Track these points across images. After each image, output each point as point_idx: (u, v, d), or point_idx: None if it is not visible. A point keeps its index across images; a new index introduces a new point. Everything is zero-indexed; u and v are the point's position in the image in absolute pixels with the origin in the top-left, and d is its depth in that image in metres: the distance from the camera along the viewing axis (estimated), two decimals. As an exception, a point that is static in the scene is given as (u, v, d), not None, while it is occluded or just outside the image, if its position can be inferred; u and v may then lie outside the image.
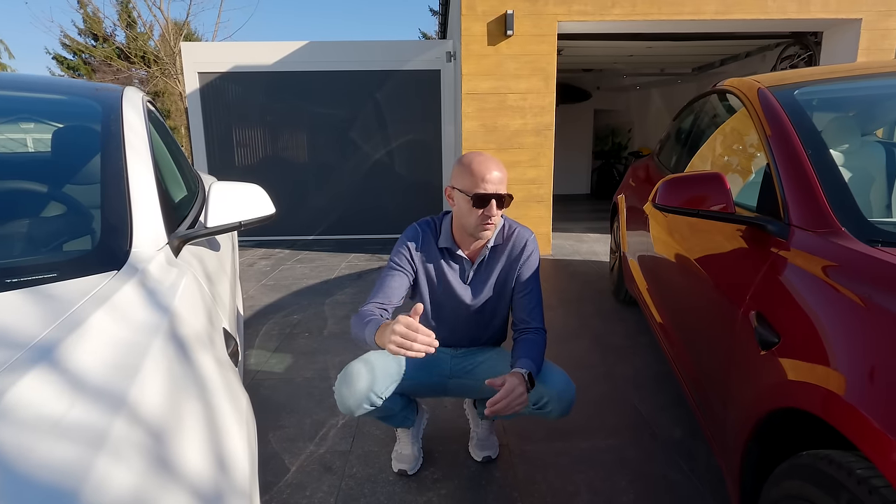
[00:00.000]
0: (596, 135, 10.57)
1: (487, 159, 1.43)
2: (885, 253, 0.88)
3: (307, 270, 4.51)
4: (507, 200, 1.43)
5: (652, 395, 2.20)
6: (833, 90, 1.62)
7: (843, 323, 0.82)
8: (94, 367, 0.58)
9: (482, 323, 1.64)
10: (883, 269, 0.84)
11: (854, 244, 0.95)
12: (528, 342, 1.50)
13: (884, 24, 4.59)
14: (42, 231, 1.01)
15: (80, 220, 1.02)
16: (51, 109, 1.39)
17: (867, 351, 0.75)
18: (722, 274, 1.37)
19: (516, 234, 1.58)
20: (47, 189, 1.19)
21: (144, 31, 18.57)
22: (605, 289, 3.78)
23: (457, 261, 1.57)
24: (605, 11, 4.49)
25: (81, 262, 0.86)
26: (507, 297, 1.62)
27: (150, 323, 0.71)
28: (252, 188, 1.34)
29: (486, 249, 1.55)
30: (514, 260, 1.57)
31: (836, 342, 0.81)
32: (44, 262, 0.85)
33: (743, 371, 1.09)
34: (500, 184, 1.41)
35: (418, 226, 1.59)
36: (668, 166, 2.58)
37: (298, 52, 5.94)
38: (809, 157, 1.21)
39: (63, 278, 0.80)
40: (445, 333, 1.59)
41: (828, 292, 0.89)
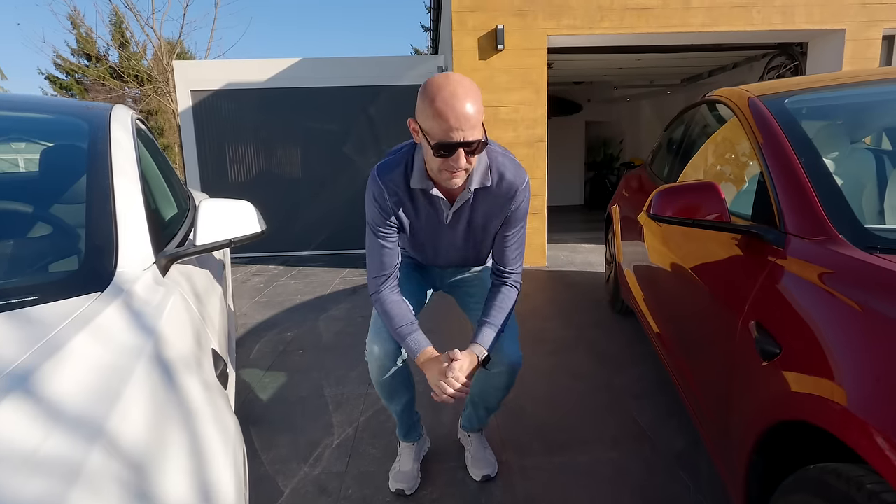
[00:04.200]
0: (588, 146, 10.65)
1: (456, 93, 1.10)
2: (884, 260, 0.87)
3: (301, 286, 4.47)
4: (479, 147, 1.18)
5: (651, 406, 2.17)
6: (822, 98, 1.63)
7: (845, 332, 0.80)
8: (71, 394, 0.56)
9: (467, 255, 1.59)
10: (883, 276, 0.83)
11: (852, 251, 0.94)
12: (499, 302, 1.45)
13: (866, 34, 4.68)
14: (26, 252, 0.98)
15: (65, 241, 1.00)
16: (38, 128, 1.38)
17: (871, 360, 0.73)
18: (719, 283, 1.36)
19: (506, 181, 1.34)
20: (33, 209, 1.16)
21: (138, 51, 18.68)
22: (601, 299, 3.77)
23: (433, 201, 1.36)
24: (593, 25, 4.55)
25: (64, 283, 0.83)
26: (491, 237, 1.49)
27: (134, 346, 0.69)
28: (242, 205, 1.32)
29: (469, 192, 1.33)
30: (500, 206, 1.38)
31: (840, 352, 0.79)
32: (25, 284, 0.82)
33: (744, 382, 1.07)
34: (470, 127, 1.12)
35: (378, 176, 1.34)
36: (661, 176, 2.58)
37: (290, 69, 5.97)
38: (803, 164, 1.21)
39: (45, 301, 0.77)
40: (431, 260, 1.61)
41: (828, 301, 0.88)
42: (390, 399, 1.62)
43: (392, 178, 1.34)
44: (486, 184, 1.33)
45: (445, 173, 1.21)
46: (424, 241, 1.51)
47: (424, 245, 1.54)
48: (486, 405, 1.69)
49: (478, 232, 1.46)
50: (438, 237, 1.48)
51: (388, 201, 1.36)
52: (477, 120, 1.14)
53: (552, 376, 2.49)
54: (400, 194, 1.35)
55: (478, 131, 1.15)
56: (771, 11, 4.61)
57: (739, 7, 4.58)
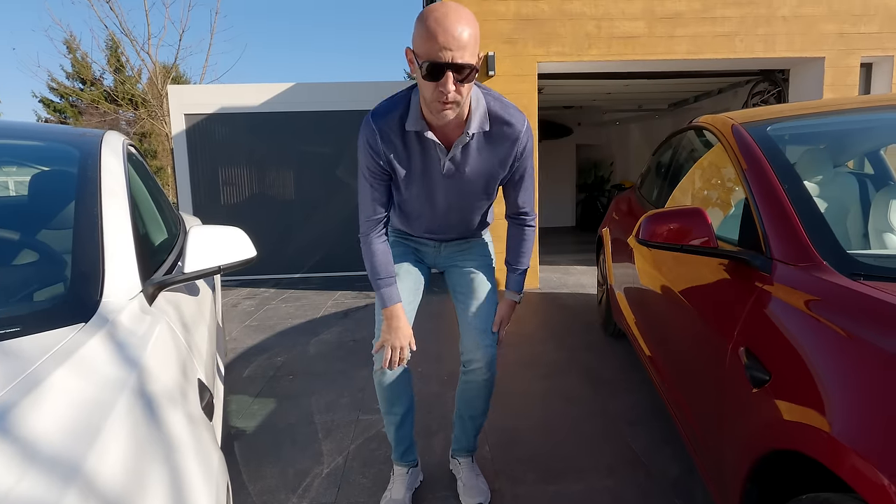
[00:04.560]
0: (579, 168, 10.80)
1: (448, 14, 1.06)
2: (867, 287, 0.88)
3: (292, 309, 4.43)
4: (470, 74, 1.11)
5: (646, 432, 2.15)
6: (803, 125, 1.67)
7: (832, 360, 0.81)
8: (50, 431, 0.54)
9: (464, 217, 1.53)
10: (867, 303, 0.83)
11: (837, 278, 0.95)
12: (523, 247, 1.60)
13: (846, 62, 4.83)
14: (10, 280, 0.97)
15: (51, 269, 0.99)
16: (29, 155, 1.37)
17: (858, 389, 0.74)
18: (709, 308, 1.37)
19: (506, 124, 1.29)
20: (19, 235, 1.15)
21: (133, 75, 18.87)
22: (594, 321, 3.77)
23: (428, 148, 1.30)
24: (582, 52, 4.67)
25: (48, 314, 0.82)
26: (492, 192, 1.45)
27: (116, 379, 0.67)
28: (232, 231, 1.32)
29: (466, 136, 1.26)
30: (505, 151, 1.33)
31: (827, 380, 0.80)
32: (8, 315, 0.81)
33: (736, 409, 1.07)
34: (459, 48, 1.07)
35: (372, 120, 1.30)
36: (650, 200, 2.62)
37: (285, 94, 6.04)
38: (786, 190, 1.24)
39: (27, 332, 0.76)
40: (426, 226, 1.56)
41: (815, 328, 0.88)
42: (392, 405, 1.63)
43: (386, 122, 1.28)
44: (485, 128, 1.28)
45: (437, 104, 1.15)
46: (418, 198, 1.43)
47: (418, 204, 1.45)
48: (471, 414, 1.70)
49: (476, 186, 1.39)
50: (433, 192, 1.40)
51: (380, 146, 1.30)
52: (468, 43, 1.08)
53: (546, 401, 2.47)
54: (394, 139, 1.29)
55: (469, 56, 1.09)
56: (753, 40, 4.75)
57: (722, 36, 4.73)
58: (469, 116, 1.26)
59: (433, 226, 1.57)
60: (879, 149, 1.78)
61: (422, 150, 1.32)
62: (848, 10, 4.76)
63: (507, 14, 4.59)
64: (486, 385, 1.63)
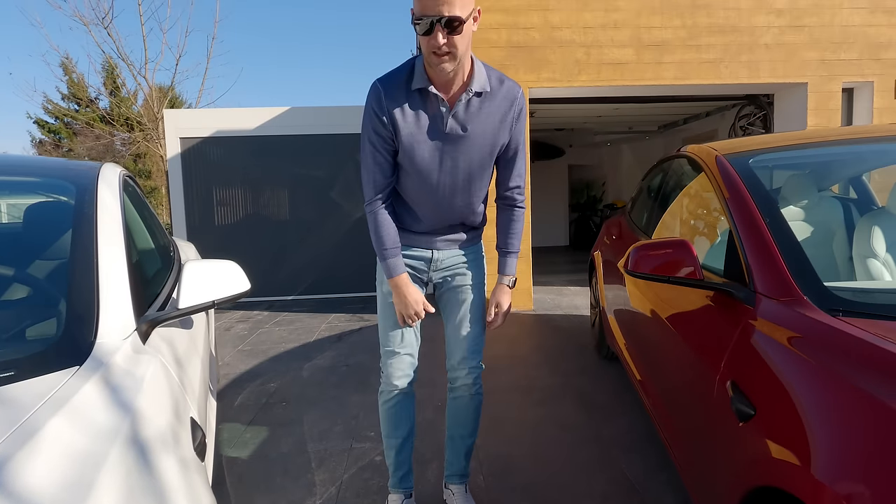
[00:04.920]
0: (571, 188, 10.93)
1: None
2: (845, 324, 0.91)
3: (286, 333, 4.41)
4: (459, 25, 1.20)
5: (640, 458, 2.15)
6: (784, 157, 1.72)
7: (812, 397, 0.83)
8: (44, 486, 0.55)
9: (464, 198, 1.51)
10: (845, 342, 0.86)
11: (817, 314, 0.98)
12: (513, 229, 1.62)
13: (828, 87, 4.97)
14: (5, 320, 0.98)
15: (46, 308, 1.00)
16: (26, 191, 1.39)
17: (836, 428, 0.76)
18: (696, 337, 1.39)
19: (505, 85, 1.40)
20: (14, 272, 1.16)
21: (128, 97, 19.03)
22: (588, 343, 3.77)
23: (432, 104, 1.36)
24: (572, 78, 4.77)
25: (42, 357, 0.83)
26: (491, 157, 1.47)
27: (110, 428, 0.68)
28: (226, 265, 1.33)
29: (470, 94, 1.34)
30: (503, 112, 1.40)
31: (809, 418, 0.81)
32: (2, 358, 0.81)
33: (724, 442, 1.08)
34: (447, 3, 1.17)
35: (379, 82, 1.38)
36: (640, 225, 2.66)
37: (280, 118, 6.11)
38: (768, 224, 1.27)
39: (22, 377, 0.77)
40: (427, 212, 1.53)
41: (797, 364, 0.91)
42: (395, 428, 1.67)
43: (391, 82, 1.37)
44: (486, 89, 1.37)
45: (433, 57, 1.25)
46: (420, 172, 1.43)
47: (419, 179, 1.45)
48: (460, 434, 1.73)
49: (477, 151, 1.43)
50: (435, 159, 1.41)
51: (384, 105, 1.36)
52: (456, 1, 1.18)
53: (540, 428, 2.46)
54: (398, 98, 1.36)
55: (458, 9, 1.19)
56: (737, 66, 4.89)
57: (708, 62, 4.86)
58: (472, 76, 1.36)
59: (434, 211, 1.53)
60: (854, 178, 1.84)
61: (425, 109, 1.37)
62: (828, 37, 4.92)
63: (500, 41, 4.70)
64: (473, 403, 1.71)
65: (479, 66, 1.37)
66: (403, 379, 1.64)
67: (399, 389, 1.65)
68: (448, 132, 1.38)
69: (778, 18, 4.88)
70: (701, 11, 4.82)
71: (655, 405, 1.81)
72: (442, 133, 1.39)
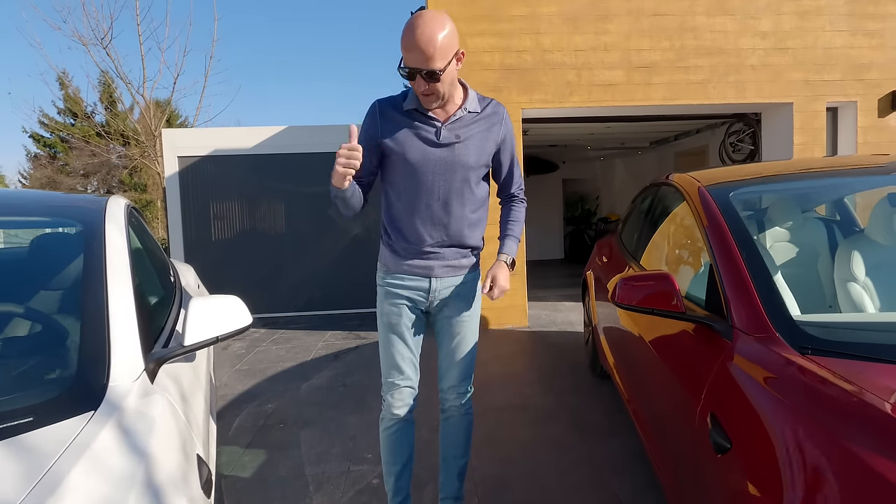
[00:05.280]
0: (566, 202, 11.04)
1: (412, 26, 1.32)
2: (813, 363, 0.97)
3: (283, 352, 4.44)
4: (436, 76, 1.36)
5: (631, 479, 2.19)
6: (763, 190, 1.80)
7: (781, 435, 0.89)
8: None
9: (458, 208, 1.59)
10: (813, 382, 0.92)
11: (787, 352, 1.04)
12: (514, 216, 1.77)
13: (812, 107, 5.10)
14: (20, 363, 1.03)
15: (59, 353, 1.05)
16: (34, 234, 1.44)
17: (803, 467, 0.82)
18: (680, 366, 1.45)
19: (492, 107, 1.60)
20: (25, 314, 1.21)
21: (125, 111, 19.10)
22: (582, 361, 3.83)
23: (426, 121, 1.52)
24: (563, 99, 4.89)
25: (58, 402, 0.88)
26: (482, 165, 1.60)
27: (127, 473, 0.73)
28: (229, 300, 1.38)
29: (463, 111, 1.53)
30: (491, 128, 1.58)
31: (780, 455, 0.87)
32: (21, 406, 0.86)
33: (705, 471, 1.14)
34: (427, 58, 1.33)
35: (377, 101, 1.57)
36: (629, 248, 2.74)
37: (276, 137, 6.19)
38: (744, 259, 1.34)
39: (41, 422, 0.82)
40: (420, 224, 1.58)
41: (768, 402, 0.97)
42: (395, 455, 1.72)
43: (389, 102, 1.57)
44: (478, 110, 1.57)
45: (420, 96, 1.46)
46: (411, 176, 1.54)
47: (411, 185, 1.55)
48: (453, 455, 1.80)
49: (468, 157, 1.54)
50: (426, 164, 1.52)
51: (377, 116, 1.55)
52: (434, 53, 1.33)
53: (534, 448, 2.51)
54: (391, 114, 1.55)
55: (438, 62, 1.35)
56: (725, 87, 5.02)
57: (696, 83, 4.99)
58: (466, 99, 1.56)
59: (430, 220, 1.58)
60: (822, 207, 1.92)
61: (419, 121, 1.53)
62: (812, 59, 5.06)
63: (493, 64, 4.82)
64: (463, 423, 1.79)
65: (472, 92, 1.58)
66: (404, 408, 1.70)
67: (400, 418, 1.71)
68: (442, 141, 1.54)
69: (763, 41, 5.02)
70: (688, 34, 4.96)
71: (643, 428, 1.86)
72: (435, 142, 1.54)
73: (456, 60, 1.43)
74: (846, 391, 0.88)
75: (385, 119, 1.56)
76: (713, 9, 4.97)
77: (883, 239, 1.84)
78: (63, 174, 23.50)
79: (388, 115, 1.56)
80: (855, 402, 0.85)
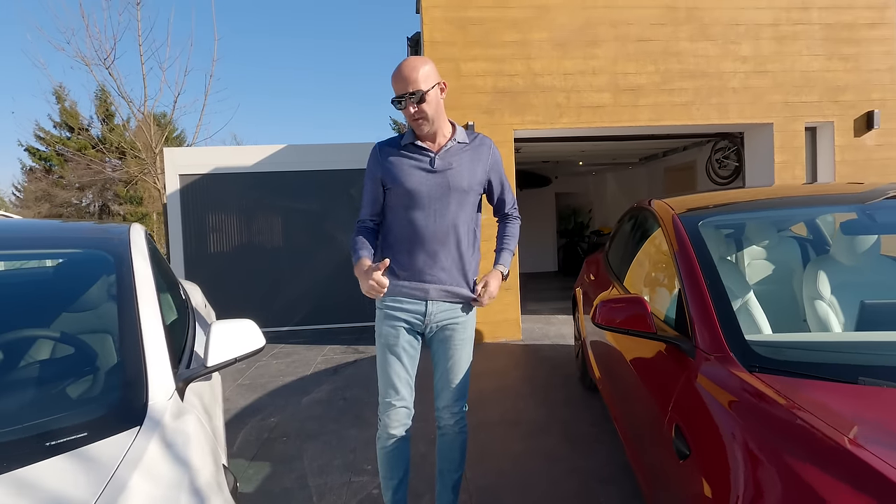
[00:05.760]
0: (559, 215, 11.25)
1: (401, 63, 1.64)
2: (757, 379, 1.13)
3: (283, 366, 4.56)
4: (420, 97, 1.62)
5: (617, 489, 2.33)
6: (732, 218, 1.97)
7: (731, 445, 1.04)
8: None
9: (454, 232, 1.75)
10: (754, 397, 1.08)
11: (739, 371, 1.20)
12: (509, 232, 1.96)
13: (792, 127, 5.33)
14: (69, 385, 1.16)
15: (103, 376, 1.18)
16: (65, 265, 1.59)
17: (745, 476, 0.97)
18: (652, 380, 1.61)
19: (479, 138, 1.83)
20: (70, 345, 1.35)
21: (121, 124, 19.23)
22: (573, 373, 3.97)
23: (421, 152, 1.74)
24: (554, 121, 5.09)
25: (107, 420, 1.01)
26: (476, 191, 1.80)
27: (176, 479, 0.87)
28: (246, 324, 1.53)
29: (453, 142, 1.74)
30: (480, 157, 1.79)
31: (730, 461, 1.02)
32: (74, 422, 1.00)
33: (670, 476, 1.29)
34: (410, 83, 1.61)
35: (377, 143, 1.82)
36: (614, 267, 2.90)
37: (278, 155, 6.36)
38: (708, 286, 1.50)
39: (93, 438, 0.95)
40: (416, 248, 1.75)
41: (719, 414, 1.12)
42: (392, 469, 1.84)
43: (388, 143, 1.82)
44: (466, 141, 1.79)
45: (412, 122, 1.69)
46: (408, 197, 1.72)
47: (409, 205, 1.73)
48: (448, 468, 1.93)
49: (461, 180, 1.73)
50: (422, 189, 1.71)
51: (378, 155, 1.79)
52: (416, 79, 1.62)
53: (526, 460, 2.64)
54: (390, 151, 1.78)
55: (420, 85, 1.62)
56: (708, 108, 5.24)
57: (680, 105, 5.21)
58: (454, 133, 1.78)
59: (424, 248, 1.74)
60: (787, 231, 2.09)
61: (416, 153, 1.75)
62: (790, 81, 5.30)
63: (486, 87, 5.02)
64: (458, 439, 1.92)
65: (459, 127, 1.82)
66: (400, 428, 1.82)
67: (396, 437, 1.82)
68: (436, 168, 1.73)
69: (744, 64, 5.26)
70: (672, 58, 5.19)
71: (625, 436, 2.01)
72: (430, 169, 1.73)
73: (439, 89, 1.69)
74: (781, 406, 1.03)
75: (385, 156, 1.78)
76: (695, 34, 5.21)
77: (846, 260, 2.02)
78: (58, 187, 23.58)
79: (387, 152, 1.78)
80: (786, 415, 1.00)
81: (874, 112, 5.32)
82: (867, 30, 5.38)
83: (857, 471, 0.84)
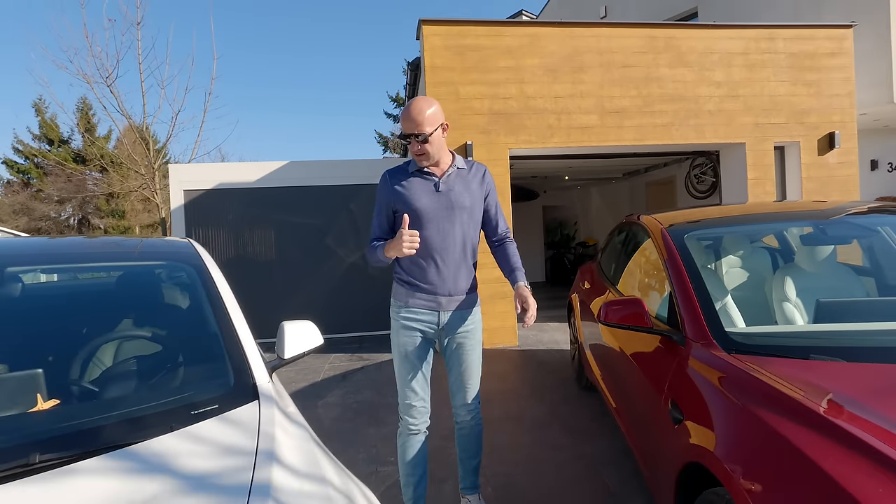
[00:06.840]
0: (546, 228, 11.66)
1: (411, 103, 1.84)
2: (734, 358, 1.45)
3: (293, 374, 4.77)
4: (424, 138, 1.83)
5: (616, 469, 2.63)
6: (714, 232, 2.32)
7: (714, 407, 1.35)
8: (296, 462, 1.01)
9: (462, 242, 1.96)
10: (731, 370, 1.40)
11: (720, 353, 1.52)
12: (510, 254, 2.11)
13: (762, 146, 5.81)
14: (194, 372, 1.43)
15: (218, 365, 1.44)
16: (160, 276, 1.85)
17: (725, 424, 1.28)
18: (650, 368, 1.92)
19: (475, 166, 2.04)
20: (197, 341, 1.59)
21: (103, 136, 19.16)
22: (568, 376, 4.28)
23: (426, 176, 1.95)
24: (545, 140, 5.47)
25: (230, 396, 1.27)
26: (476, 210, 2.00)
27: (303, 434, 1.14)
28: (309, 325, 1.80)
29: (453, 168, 1.96)
30: (477, 183, 2.00)
31: (714, 420, 1.34)
32: (206, 398, 1.26)
33: (666, 439, 1.59)
34: (417, 125, 1.80)
35: (386, 172, 2.02)
36: (608, 275, 3.24)
37: (279, 171, 6.61)
38: (693, 288, 1.83)
39: (225, 408, 1.22)
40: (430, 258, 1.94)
41: (706, 387, 1.44)
42: (413, 467, 2.07)
43: (395, 171, 2.01)
44: (464, 167, 2.01)
45: (415, 156, 1.90)
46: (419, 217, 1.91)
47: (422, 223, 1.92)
48: (468, 455, 2.18)
49: (464, 200, 1.95)
50: (430, 208, 1.92)
51: (388, 182, 1.98)
52: (423, 121, 1.82)
53: (533, 450, 2.92)
54: (399, 178, 1.98)
55: (426, 128, 1.82)
56: (686, 129, 5.69)
57: (661, 126, 5.64)
58: (454, 161, 2.00)
59: (435, 261, 1.94)
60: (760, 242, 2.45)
61: (420, 180, 1.96)
62: (759, 105, 5.79)
63: (482, 110, 5.38)
64: (474, 432, 2.16)
65: (458, 156, 2.03)
66: (420, 424, 2.06)
67: (415, 432, 2.06)
68: (441, 190, 1.95)
69: (718, 89, 5.73)
70: (653, 84, 5.63)
71: (624, 421, 2.32)
72: (436, 191, 1.95)
73: (442, 130, 1.89)
74: (753, 376, 1.35)
75: (394, 181, 1.98)
76: (674, 62, 5.67)
77: (808, 267, 2.38)
78: (37, 200, 23.25)
79: (396, 178, 1.99)
80: (757, 381, 1.32)
81: (835, 133, 5.84)
82: (828, 58, 5.92)
83: (806, 416, 1.15)
